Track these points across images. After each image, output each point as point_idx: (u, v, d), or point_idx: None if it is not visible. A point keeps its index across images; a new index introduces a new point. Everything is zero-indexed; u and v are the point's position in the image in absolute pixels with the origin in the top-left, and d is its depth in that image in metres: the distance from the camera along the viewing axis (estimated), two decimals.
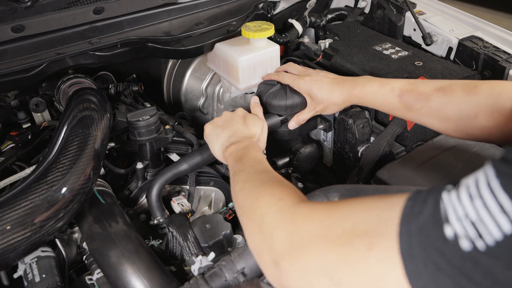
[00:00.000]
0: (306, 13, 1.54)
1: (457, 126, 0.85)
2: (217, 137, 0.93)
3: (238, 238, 0.97)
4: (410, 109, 0.89)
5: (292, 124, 1.07)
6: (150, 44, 1.19)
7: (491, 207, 0.38)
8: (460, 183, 0.43)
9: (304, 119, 1.06)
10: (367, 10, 1.52)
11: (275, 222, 0.59)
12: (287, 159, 1.14)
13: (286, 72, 1.12)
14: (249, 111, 1.02)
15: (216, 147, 0.92)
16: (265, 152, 1.04)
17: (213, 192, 1.17)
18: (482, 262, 0.38)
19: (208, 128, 0.97)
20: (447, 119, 0.85)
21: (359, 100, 0.97)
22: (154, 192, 0.97)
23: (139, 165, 1.06)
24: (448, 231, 0.40)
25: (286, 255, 0.54)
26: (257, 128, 0.95)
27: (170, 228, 0.92)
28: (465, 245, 0.39)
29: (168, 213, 1.00)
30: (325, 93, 1.00)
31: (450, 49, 1.30)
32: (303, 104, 1.06)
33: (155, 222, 0.99)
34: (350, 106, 1.11)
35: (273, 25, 1.20)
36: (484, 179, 0.40)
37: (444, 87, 0.85)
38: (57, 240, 0.92)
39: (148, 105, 1.35)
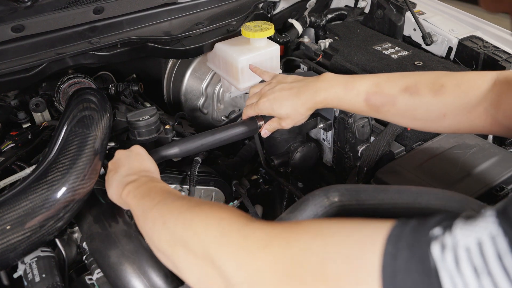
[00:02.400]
0: (306, 13, 1.54)
1: (426, 125, 0.85)
2: (111, 180, 0.83)
3: None
4: (377, 111, 0.87)
5: (265, 132, 1.03)
6: (150, 44, 1.19)
7: (500, 282, 0.31)
8: (453, 231, 0.35)
9: (273, 128, 1.02)
10: (367, 10, 1.52)
11: (221, 249, 0.50)
12: (284, 159, 1.14)
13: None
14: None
15: (112, 190, 0.82)
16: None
17: (213, 192, 1.17)
18: None
19: (106, 176, 0.87)
20: (415, 119, 0.84)
21: (325, 105, 0.93)
22: None
23: None
24: None
25: (250, 281, 0.46)
26: (152, 164, 0.87)
27: None
28: None
29: None
30: (287, 109, 0.94)
31: (450, 49, 1.30)
32: None
33: None
34: None
35: (273, 25, 1.20)
36: (492, 247, 0.32)
37: (410, 86, 0.82)
38: (57, 240, 0.92)
39: (148, 105, 1.35)
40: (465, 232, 0.34)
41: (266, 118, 1.03)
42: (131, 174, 0.81)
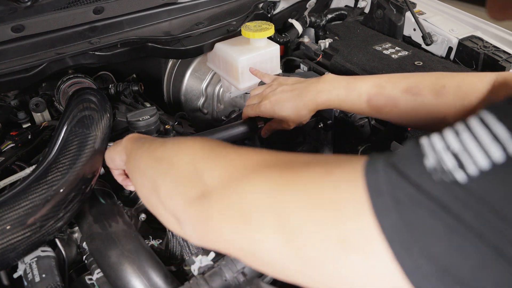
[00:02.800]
0: (306, 13, 1.54)
1: (427, 125, 0.85)
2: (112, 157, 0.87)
3: None
4: (379, 112, 0.87)
5: (265, 133, 1.04)
6: (150, 44, 1.19)
7: (481, 137, 0.33)
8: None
9: (274, 129, 1.02)
10: (367, 10, 1.52)
11: (203, 159, 0.52)
12: None
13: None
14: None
15: (111, 152, 0.87)
16: None
17: None
18: (462, 194, 0.32)
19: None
20: (416, 120, 0.85)
21: (327, 107, 0.94)
22: None
23: None
24: (425, 163, 0.34)
25: (219, 187, 0.47)
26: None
27: None
28: (442, 176, 0.33)
29: None
30: (289, 111, 0.95)
31: (450, 49, 1.30)
32: None
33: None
34: None
35: (273, 25, 1.20)
36: (475, 117, 0.35)
37: (412, 87, 0.83)
38: (57, 240, 0.92)
39: (148, 105, 1.35)
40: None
41: (267, 119, 1.03)
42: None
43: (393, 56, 1.25)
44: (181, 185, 0.54)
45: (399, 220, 0.34)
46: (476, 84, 0.78)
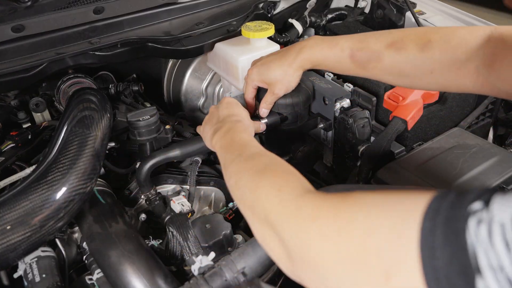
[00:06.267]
0: (306, 13, 1.54)
1: (413, 82, 0.84)
2: (206, 131, 0.90)
3: (238, 238, 0.97)
4: (363, 68, 0.86)
5: (263, 111, 1.03)
6: (150, 44, 1.19)
7: None
8: (490, 206, 0.35)
9: (269, 101, 1.02)
10: (367, 10, 1.52)
11: (279, 217, 0.55)
12: (286, 158, 1.14)
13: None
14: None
15: (207, 141, 0.90)
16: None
17: (213, 192, 1.17)
18: None
19: (199, 129, 0.96)
20: (402, 76, 0.83)
21: (311, 65, 0.93)
22: (143, 171, 0.97)
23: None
24: (480, 285, 0.33)
25: (298, 251, 0.51)
26: (238, 109, 0.91)
27: (170, 228, 0.92)
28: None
29: (156, 188, 1.02)
30: (276, 71, 0.95)
31: None
32: (304, 102, 1.06)
33: (142, 196, 1.01)
34: (350, 106, 1.12)
35: (273, 25, 1.20)
36: None
37: (396, 42, 0.81)
38: (57, 240, 0.92)
39: (148, 105, 1.35)
40: (501, 207, 0.35)
41: (269, 115, 1.03)
42: (219, 122, 0.86)
43: None
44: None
45: None
46: (466, 38, 0.75)
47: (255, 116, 1.04)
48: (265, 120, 1.03)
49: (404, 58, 0.80)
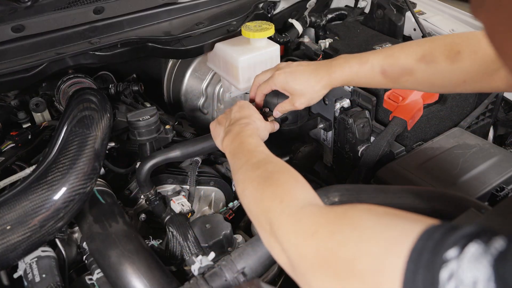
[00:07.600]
0: (306, 13, 1.54)
1: (447, 90, 0.86)
2: (217, 132, 0.92)
3: (238, 238, 0.97)
4: (395, 82, 0.87)
5: (276, 113, 1.02)
6: (150, 44, 1.19)
7: None
8: (462, 259, 0.36)
9: (285, 109, 1.00)
10: (367, 10, 1.52)
11: (280, 229, 0.58)
12: (286, 158, 1.14)
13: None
14: None
15: (218, 142, 0.92)
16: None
17: (213, 192, 1.17)
18: None
19: (211, 126, 0.96)
20: (435, 86, 0.84)
21: (341, 83, 0.93)
22: (143, 171, 0.97)
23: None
24: None
25: (296, 263, 0.55)
26: (250, 111, 0.92)
27: (170, 228, 0.92)
28: None
29: (156, 188, 1.02)
30: (302, 83, 0.93)
31: None
32: None
33: (142, 196, 1.02)
34: (350, 106, 1.12)
35: (273, 25, 1.20)
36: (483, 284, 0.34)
37: (426, 55, 0.82)
38: (57, 240, 0.92)
39: (148, 105, 1.35)
40: (469, 265, 0.36)
41: (271, 107, 1.02)
42: (230, 125, 0.88)
43: None
44: None
45: None
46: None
47: (262, 113, 1.02)
48: (268, 108, 1.02)
49: (436, 71, 0.81)
